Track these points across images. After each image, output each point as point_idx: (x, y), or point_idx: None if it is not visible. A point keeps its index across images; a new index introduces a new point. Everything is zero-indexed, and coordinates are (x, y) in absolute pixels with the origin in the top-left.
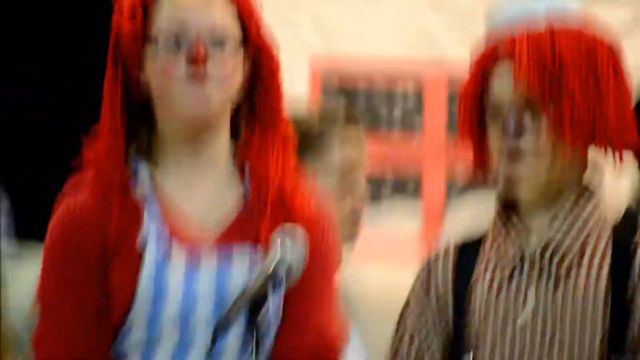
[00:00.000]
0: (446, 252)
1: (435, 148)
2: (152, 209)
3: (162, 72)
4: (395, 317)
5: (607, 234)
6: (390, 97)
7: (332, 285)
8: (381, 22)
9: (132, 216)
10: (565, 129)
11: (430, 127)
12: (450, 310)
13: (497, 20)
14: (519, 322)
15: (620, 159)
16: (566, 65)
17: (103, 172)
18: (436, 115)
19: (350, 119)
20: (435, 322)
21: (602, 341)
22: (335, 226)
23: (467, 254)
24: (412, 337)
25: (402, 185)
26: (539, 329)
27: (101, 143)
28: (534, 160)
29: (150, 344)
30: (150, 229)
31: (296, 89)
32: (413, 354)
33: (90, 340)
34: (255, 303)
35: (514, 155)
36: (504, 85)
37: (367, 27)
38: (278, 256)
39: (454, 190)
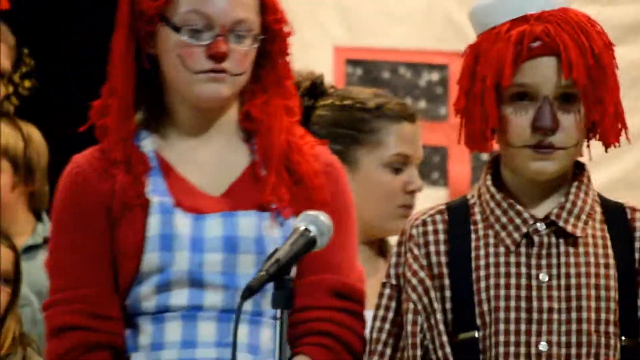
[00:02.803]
0: (433, 219)
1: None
2: (157, 179)
3: (180, 60)
4: None
5: (597, 204)
6: (415, 88)
7: (350, 229)
8: (406, 13)
9: (135, 187)
10: (606, 123)
11: (455, 117)
12: (447, 282)
13: (499, 14)
14: (536, 293)
15: (610, 146)
16: (604, 64)
17: (111, 140)
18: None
19: (409, 116)
20: (434, 296)
21: (614, 316)
22: (343, 178)
23: (457, 221)
24: (415, 312)
25: (428, 174)
26: (557, 303)
27: (110, 112)
28: (564, 155)
29: (163, 291)
30: (154, 197)
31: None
32: (418, 331)
33: (100, 295)
34: (286, 268)
35: (545, 150)
36: (539, 80)
37: (391, 18)
38: (312, 229)
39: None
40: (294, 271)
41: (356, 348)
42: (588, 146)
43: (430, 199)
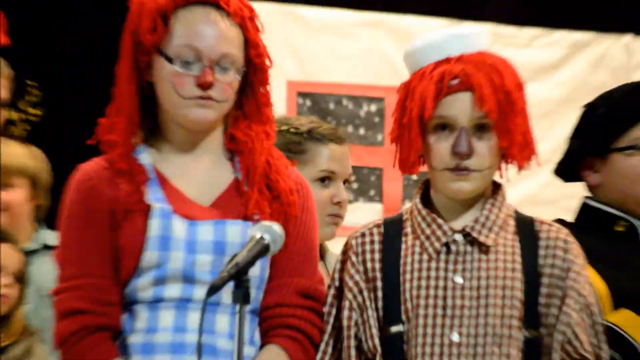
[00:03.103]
0: (370, 232)
1: (393, 160)
2: (154, 188)
3: (172, 86)
4: None
5: (512, 219)
6: (356, 117)
7: (315, 240)
8: (350, 52)
9: (135, 195)
10: (514, 149)
11: (389, 142)
12: (380, 284)
13: (427, 56)
14: (451, 293)
15: (521, 168)
16: (511, 94)
17: (116, 154)
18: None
19: (337, 138)
20: (366, 295)
21: (518, 312)
22: (310, 195)
23: (390, 233)
24: (350, 308)
25: (366, 191)
26: (469, 301)
27: (115, 130)
28: (479, 177)
29: (159, 284)
30: (155, 204)
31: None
32: (352, 324)
33: (103, 285)
34: (244, 270)
35: (462, 172)
36: (457, 112)
37: (337, 57)
38: (264, 236)
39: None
40: (265, 273)
41: (317, 340)
42: (506, 168)
43: (367, 213)
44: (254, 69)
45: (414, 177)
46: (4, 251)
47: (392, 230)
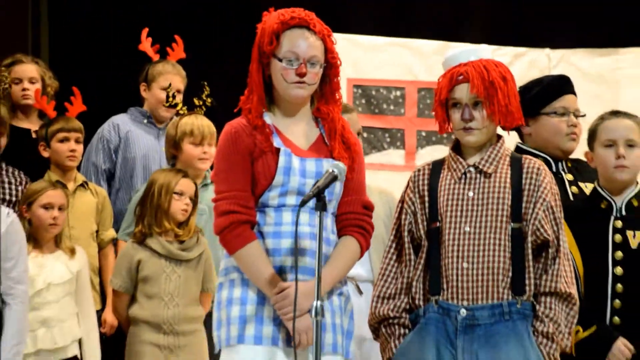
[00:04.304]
0: (423, 168)
1: (411, 122)
2: (276, 138)
3: (281, 75)
4: None
5: (508, 157)
6: (388, 99)
7: (364, 173)
8: (384, 61)
9: (266, 139)
10: (496, 116)
11: (409, 114)
12: (427, 199)
13: (451, 63)
14: (466, 202)
15: (505, 128)
16: (494, 83)
17: (253, 116)
18: (411, 107)
19: (347, 110)
20: (419, 206)
21: (507, 212)
22: (361, 146)
23: (435, 169)
24: (406, 213)
25: (394, 142)
26: (476, 207)
27: (251, 102)
28: (478, 133)
29: (283, 196)
30: (281, 147)
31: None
32: (407, 223)
33: (247, 194)
34: (322, 191)
35: (467, 130)
36: (462, 93)
37: (377, 63)
38: (334, 170)
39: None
40: (341, 192)
41: (372, 233)
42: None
43: (395, 156)
44: (330, 66)
45: (424, 134)
46: (185, 182)
47: (436, 167)
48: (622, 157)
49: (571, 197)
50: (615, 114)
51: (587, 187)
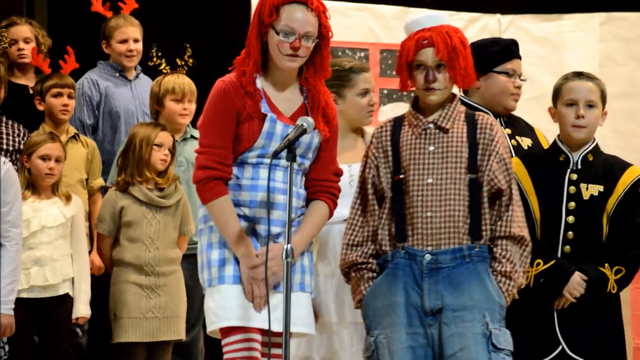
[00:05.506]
0: (385, 125)
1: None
2: (264, 104)
3: (277, 46)
4: None
5: (463, 113)
6: (353, 59)
7: (336, 147)
8: (348, 24)
9: (255, 104)
10: (457, 77)
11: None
12: (390, 153)
13: (414, 27)
14: (427, 156)
15: (462, 88)
16: (456, 48)
17: (246, 80)
18: (374, 67)
19: (365, 69)
20: (382, 160)
21: (465, 164)
22: (337, 119)
23: (397, 125)
24: (370, 168)
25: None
26: (437, 160)
27: (247, 65)
28: (439, 93)
29: (260, 158)
30: (268, 113)
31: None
32: (370, 176)
33: (227, 151)
34: (292, 142)
35: (430, 90)
36: (427, 56)
37: (342, 26)
38: (304, 124)
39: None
40: (313, 149)
41: (338, 197)
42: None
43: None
44: (322, 38)
45: (385, 91)
46: (163, 135)
47: (397, 122)
48: (582, 117)
49: (511, 150)
50: (579, 75)
51: (524, 141)
